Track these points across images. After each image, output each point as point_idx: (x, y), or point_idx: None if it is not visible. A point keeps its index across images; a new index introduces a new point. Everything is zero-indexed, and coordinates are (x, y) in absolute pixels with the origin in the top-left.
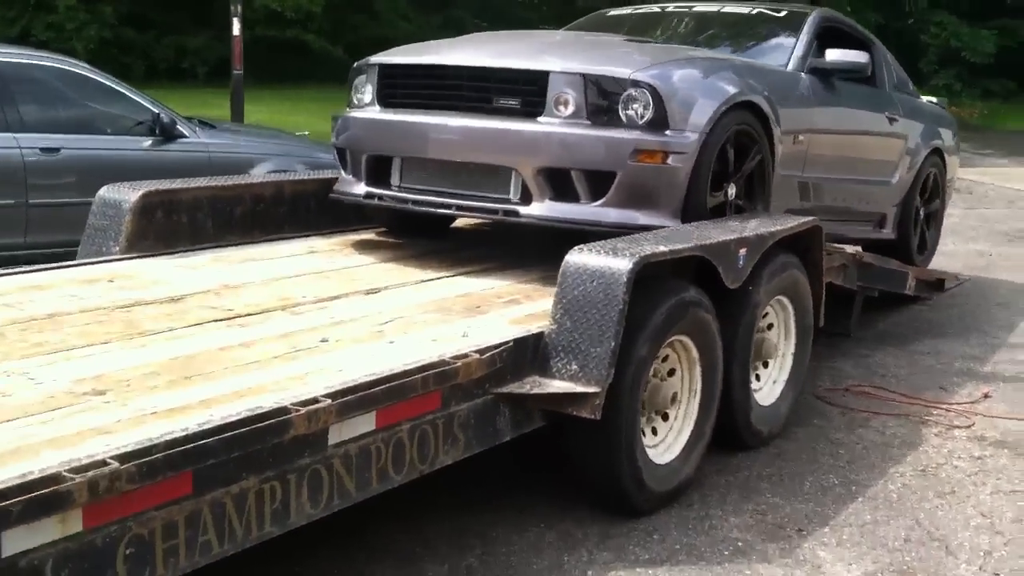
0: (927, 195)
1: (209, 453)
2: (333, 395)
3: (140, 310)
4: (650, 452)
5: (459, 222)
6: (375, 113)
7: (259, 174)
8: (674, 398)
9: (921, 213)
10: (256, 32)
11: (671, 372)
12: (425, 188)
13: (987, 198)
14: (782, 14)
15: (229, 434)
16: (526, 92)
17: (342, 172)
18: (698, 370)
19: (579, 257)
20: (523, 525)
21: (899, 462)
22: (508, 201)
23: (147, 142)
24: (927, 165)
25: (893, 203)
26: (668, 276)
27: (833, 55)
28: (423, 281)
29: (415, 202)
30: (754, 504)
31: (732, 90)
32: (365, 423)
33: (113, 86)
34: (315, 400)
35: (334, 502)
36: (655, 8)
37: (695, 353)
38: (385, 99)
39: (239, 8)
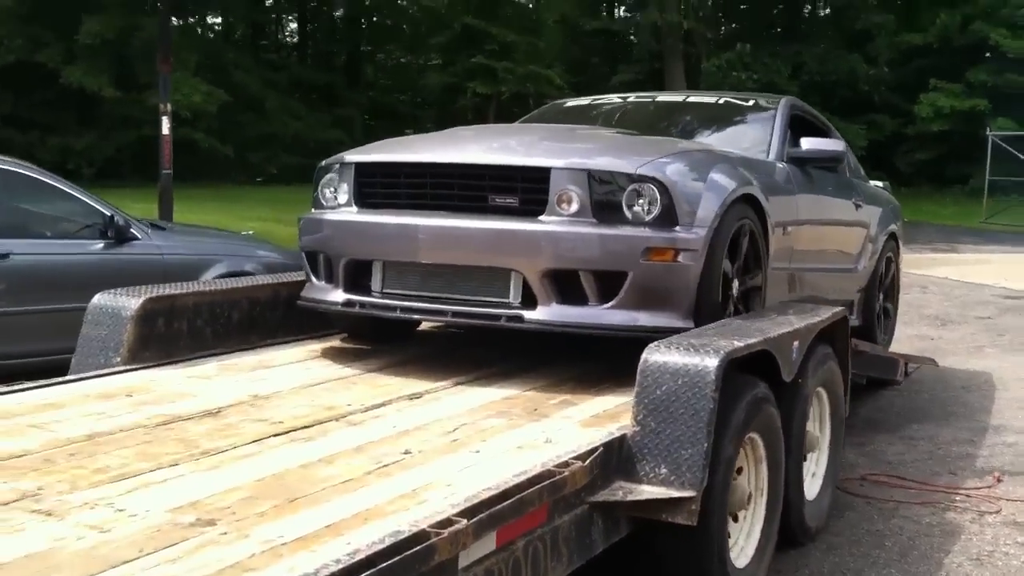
0: (886, 280)
1: None
2: (465, 513)
3: (184, 427)
4: (731, 556)
5: (424, 325)
6: (352, 215)
7: (211, 277)
8: (748, 499)
9: (881, 298)
10: (143, 132)
11: (739, 471)
12: (412, 294)
13: (901, 285)
14: (750, 103)
15: (383, 564)
16: (526, 189)
17: (312, 278)
18: (764, 468)
19: (659, 355)
20: None
21: (949, 552)
22: (509, 306)
23: (99, 244)
24: (885, 250)
25: (858, 289)
26: (738, 373)
27: (809, 144)
28: (457, 384)
29: (404, 309)
30: None
31: (734, 183)
32: (488, 543)
33: (62, 187)
34: (449, 521)
35: None
36: (615, 99)
37: (762, 451)
38: (364, 199)
39: (168, 107)
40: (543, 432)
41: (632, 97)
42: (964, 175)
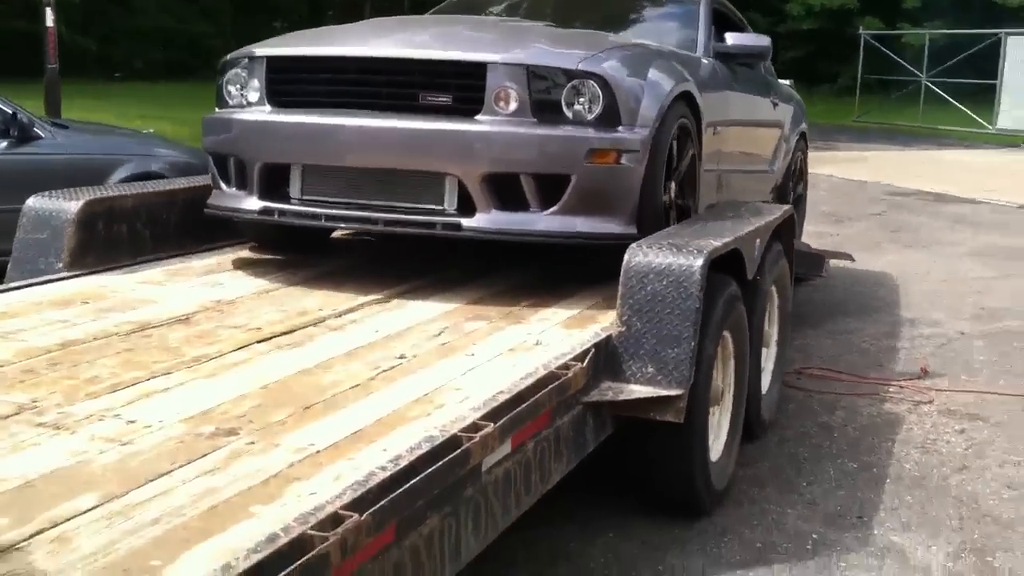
0: (795, 180)
1: (416, 494)
2: (488, 417)
3: (159, 334)
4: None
5: (336, 234)
6: (266, 114)
7: (119, 178)
8: (721, 394)
9: (791, 198)
10: (8, 23)
11: None
12: (336, 200)
13: None
14: None
15: (426, 471)
16: (460, 87)
17: (222, 184)
18: (732, 364)
19: (643, 256)
20: (591, 536)
21: (894, 441)
22: (444, 212)
23: (2, 144)
24: (796, 150)
25: (772, 189)
26: (714, 272)
27: (735, 38)
28: (416, 289)
29: (329, 218)
30: (797, 494)
31: (673, 80)
32: (505, 446)
33: None
34: (476, 426)
35: (489, 533)
36: None
37: (731, 347)
38: (278, 97)
39: None
40: (528, 334)
41: None
42: (833, 73)
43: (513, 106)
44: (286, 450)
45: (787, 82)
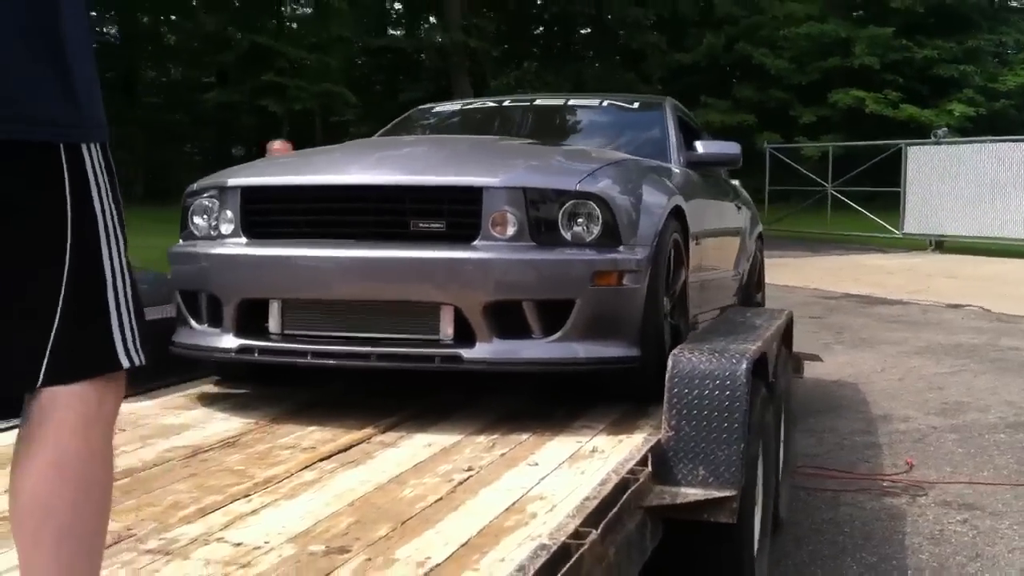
0: (755, 279)
1: None
2: (588, 523)
3: (216, 458)
4: None
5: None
6: (242, 247)
7: None
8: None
9: (752, 300)
10: None
11: None
12: (320, 335)
13: None
14: (635, 105)
15: None
16: (455, 212)
17: (191, 321)
18: (761, 463)
19: (686, 362)
20: None
21: (905, 533)
22: (439, 343)
23: None
24: (756, 251)
25: (735, 292)
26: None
27: (704, 147)
28: (420, 416)
29: (316, 354)
30: None
31: (666, 195)
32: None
33: None
34: (578, 533)
35: None
36: (489, 103)
37: (760, 447)
38: (254, 229)
39: None
40: (579, 443)
41: (508, 101)
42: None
43: (511, 230)
44: (407, 564)
45: (736, 182)
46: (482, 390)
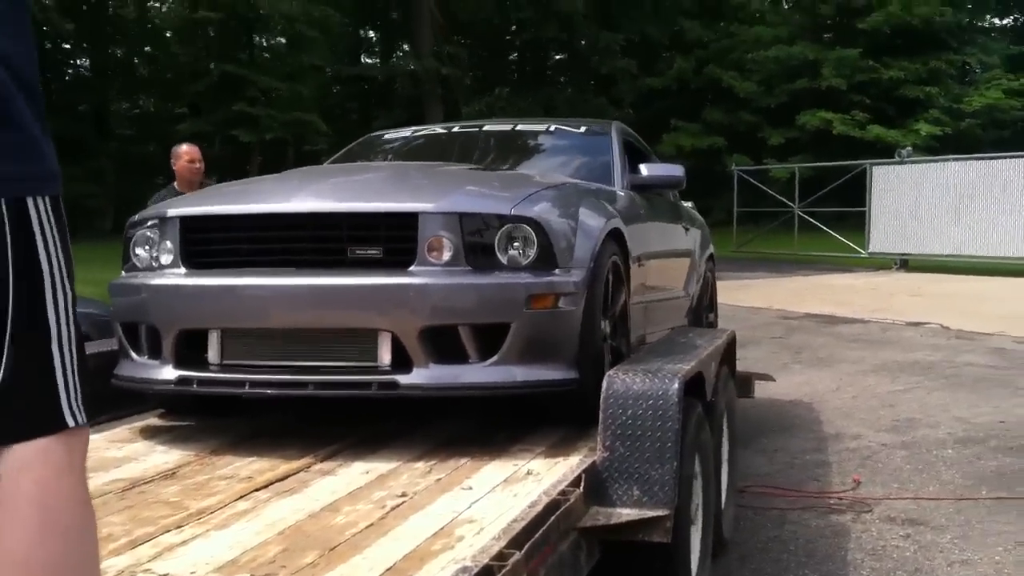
0: (705, 300)
1: None
2: (512, 545)
3: (153, 490)
4: None
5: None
6: (181, 278)
7: None
8: (695, 512)
9: (704, 320)
10: None
11: None
12: (259, 364)
13: None
14: (582, 129)
15: None
16: (391, 238)
17: (132, 353)
18: (699, 483)
19: (620, 383)
20: None
21: (847, 550)
22: (376, 370)
23: None
24: (706, 271)
25: (686, 312)
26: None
27: (649, 169)
28: (364, 443)
29: (255, 384)
30: None
31: (603, 218)
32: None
33: None
34: (502, 555)
35: None
36: (439, 130)
37: (698, 467)
38: (193, 259)
39: None
40: (515, 466)
41: (456, 127)
42: (707, 208)
43: (447, 255)
44: None
45: (689, 204)
46: (425, 416)
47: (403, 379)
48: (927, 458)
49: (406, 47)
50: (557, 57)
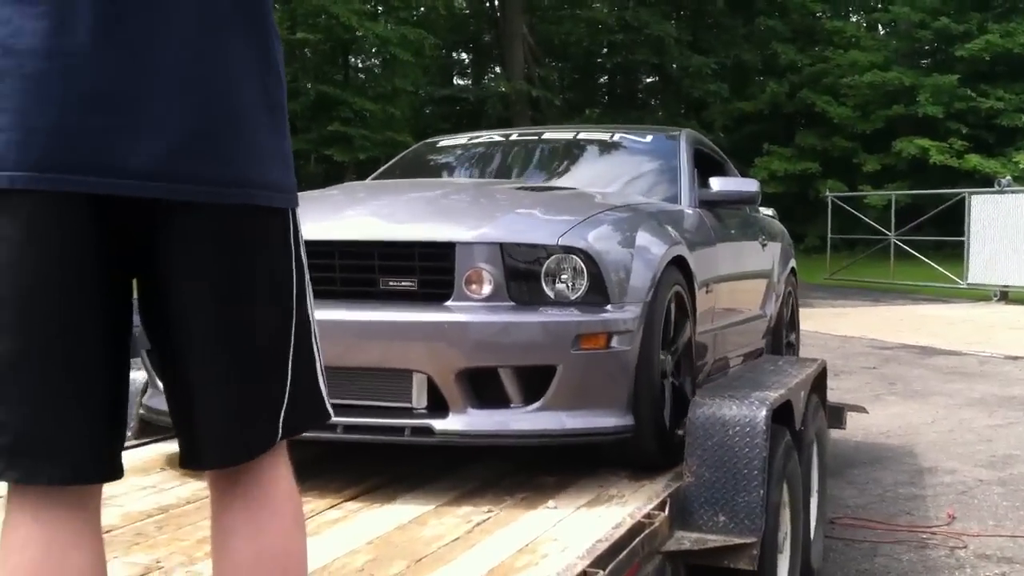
0: (787, 317)
1: None
2: (596, 564)
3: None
4: None
5: None
6: None
7: None
8: (782, 543)
9: (784, 336)
10: None
11: None
12: None
13: None
14: (648, 139)
15: None
16: (426, 270)
17: (158, 383)
18: (788, 512)
19: (707, 408)
20: None
21: None
22: (412, 413)
23: None
24: (788, 286)
25: (765, 333)
26: (773, 422)
27: (720, 184)
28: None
29: None
30: None
31: (664, 244)
32: None
33: None
34: (586, 574)
35: None
36: (496, 136)
37: (787, 496)
38: None
39: None
40: (600, 487)
41: (515, 134)
42: (800, 234)
43: (487, 289)
44: None
45: (770, 211)
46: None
47: (438, 424)
48: None
49: (498, 69)
50: (648, 80)
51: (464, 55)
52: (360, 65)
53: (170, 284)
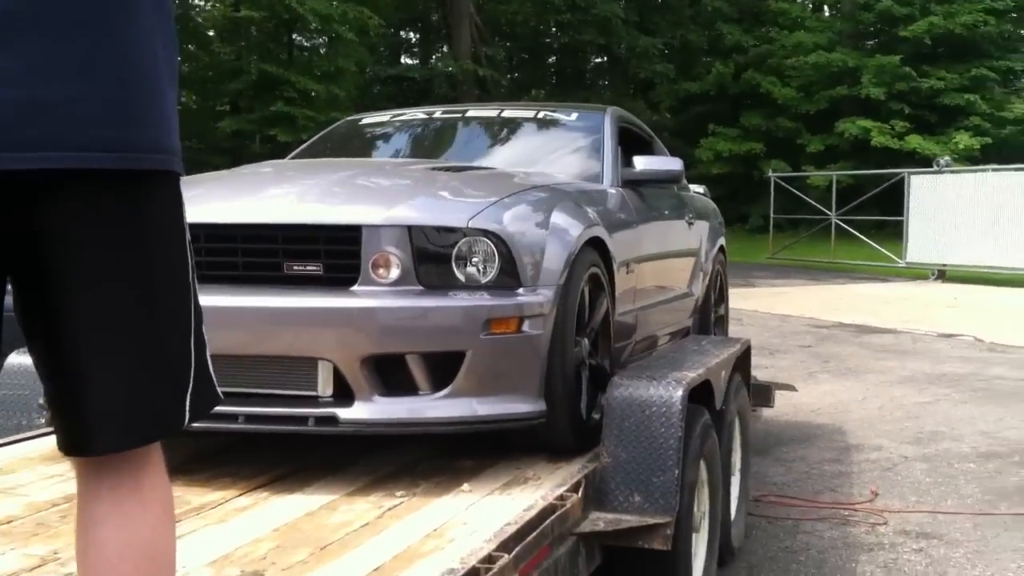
0: (715, 294)
1: None
2: (502, 548)
3: None
4: None
5: None
6: None
7: None
8: (699, 522)
9: (712, 317)
10: None
11: None
12: None
13: None
14: (572, 116)
15: None
16: (331, 253)
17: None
18: (706, 491)
19: (623, 389)
20: None
21: (858, 562)
22: (317, 401)
23: None
24: (715, 264)
25: (692, 312)
26: (690, 402)
27: (644, 163)
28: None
29: None
30: None
31: (580, 225)
32: None
33: None
34: (491, 557)
35: None
36: (419, 114)
37: (705, 475)
38: None
39: None
40: (516, 470)
41: (439, 112)
42: (744, 214)
43: (395, 273)
44: None
45: (700, 189)
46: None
47: (344, 413)
48: (948, 471)
49: (445, 48)
50: (596, 60)
51: (413, 34)
52: (306, 44)
53: (60, 269)
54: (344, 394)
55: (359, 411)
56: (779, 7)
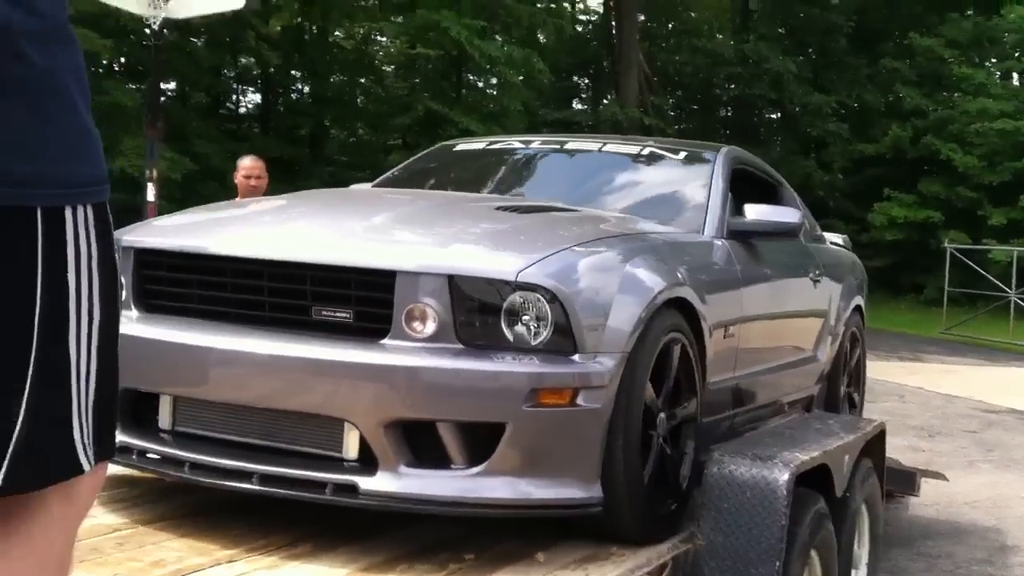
0: (850, 363)
1: None
2: None
3: (221, 520)
4: None
5: None
6: (132, 324)
7: None
8: None
9: (844, 385)
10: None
11: None
12: (212, 436)
13: (872, 391)
14: (681, 155)
15: None
16: (362, 300)
17: None
18: None
19: (724, 467)
20: None
21: None
22: (340, 466)
23: None
24: (849, 327)
25: (818, 380)
26: (800, 486)
27: (755, 213)
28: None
29: (196, 466)
30: None
31: (659, 283)
32: None
33: None
34: None
35: None
36: (515, 142)
37: (819, 569)
38: (147, 301)
39: (155, 173)
40: (598, 543)
41: (537, 141)
42: (918, 285)
43: (431, 328)
44: None
45: (839, 239)
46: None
47: (365, 483)
48: None
49: (613, 95)
50: (769, 116)
51: (584, 80)
52: (481, 85)
53: None
54: (368, 460)
55: (382, 482)
56: (962, 73)
